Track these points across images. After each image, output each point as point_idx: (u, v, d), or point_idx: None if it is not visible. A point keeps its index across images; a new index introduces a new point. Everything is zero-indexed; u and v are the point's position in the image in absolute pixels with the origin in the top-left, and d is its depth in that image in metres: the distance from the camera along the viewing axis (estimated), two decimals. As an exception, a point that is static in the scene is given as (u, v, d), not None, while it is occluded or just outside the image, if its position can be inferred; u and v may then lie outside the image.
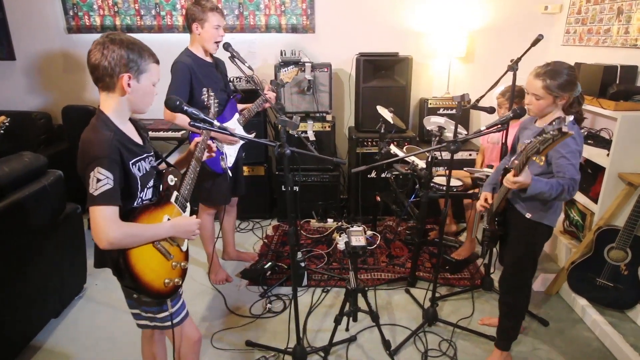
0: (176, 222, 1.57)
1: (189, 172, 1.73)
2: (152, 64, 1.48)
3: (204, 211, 2.85)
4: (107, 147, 1.36)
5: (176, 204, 1.65)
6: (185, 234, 1.59)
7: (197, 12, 2.50)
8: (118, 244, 1.36)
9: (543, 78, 1.84)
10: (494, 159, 3.05)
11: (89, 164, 1.34)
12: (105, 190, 1.33)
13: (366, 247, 1.90)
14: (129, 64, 1.41)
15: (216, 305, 2.74)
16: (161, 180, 1.62)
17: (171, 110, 1.53)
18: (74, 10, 3.83)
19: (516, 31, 3.76)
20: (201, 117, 1.58)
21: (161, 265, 1.53)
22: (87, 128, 1.43)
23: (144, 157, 1.53)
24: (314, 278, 2.98)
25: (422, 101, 3.85)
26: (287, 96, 3.59)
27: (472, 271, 3.04)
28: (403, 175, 3.01)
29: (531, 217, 1.97)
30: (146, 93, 1.49)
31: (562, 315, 2.62)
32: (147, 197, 1.57)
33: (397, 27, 3.82)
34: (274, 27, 3.82)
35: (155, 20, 3.83)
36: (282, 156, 1.79)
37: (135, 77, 1.43)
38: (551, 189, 1.75)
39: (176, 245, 1.62)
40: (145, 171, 1.53)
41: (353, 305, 2.04)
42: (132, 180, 1.46)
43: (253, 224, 3.87)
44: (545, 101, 1.86)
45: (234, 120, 2.73)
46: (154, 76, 1.50)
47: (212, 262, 2.96)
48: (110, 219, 1.34)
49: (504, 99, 2.86)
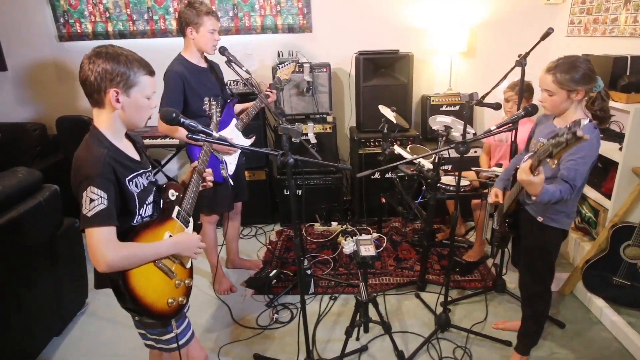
0: (178, 239, 1.51)
1: (191, 186, 1.67)
2: (143, 77, 1.40)
3: (206, 220, 2.78)
4: (100, 164, 1.29)
5: (178, 219, 1.58)
6: (188, 251, 1.53)
7: (192, 16, 2.42)
8: (117, 266, 1.30)
9: (553, 72, 1.76)
10: (502, 157, 2.98)
11: (81, 183, 1.28)
12: (99, 210, 1.26)
13: (376, 256, 1.82)
14: (115, 78, 1.33)
15: (221, 317, 2.67)
16: (161, 195, 1.55)
17: (168, 124, 1.45)
18: (64, 18, 3.74)
19: (518, 24, 3.68)
20: (199, 129, 1.50)
21: (164, 285, 1.47)
22: (81, 145, 1.36)
23: (141, 173, 1.46)
24: (320, 285, 2.91)
25: (424, 98, 3.77)
26: (286, 98, 3.51)
27: (483, 272, 2.96)
28: (409, 177, 2.94)
29: (543, 221, 1.90)
30: (139, 107, 1.42)
31: (578, 316, 2.55)
32: (148, 214, 1.51)
33: (396, 23, 3.74)
34: (270, 28, 3.74)
35: (148, 25, 3.75)
36: (286, 165, 1.71)
37: (124, 92, 1.36)
38: (551, 197, 1.67)
39: (179, 263, 1.55)
40: (143, 187, 1.46)
41: (364, 316, 1.97)
42: (129, 197, 1.39)
43: (256, 229, 3.80)
44: (559, 97, 1.78)
45: (232, 126, 2.65)
46: (147, 89, 1.42)
47: (216, 272, 2.89)
48: (106, 240, 1.27)
49: (513, 93, 2.78)
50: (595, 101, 1.84)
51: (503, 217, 2.10)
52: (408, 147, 3.13)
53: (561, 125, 1.90)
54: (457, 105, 3.67)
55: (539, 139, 1.97)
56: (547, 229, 1.90)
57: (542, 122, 2.03)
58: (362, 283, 1.93)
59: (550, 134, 1.92)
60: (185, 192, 1.63)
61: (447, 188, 2.82)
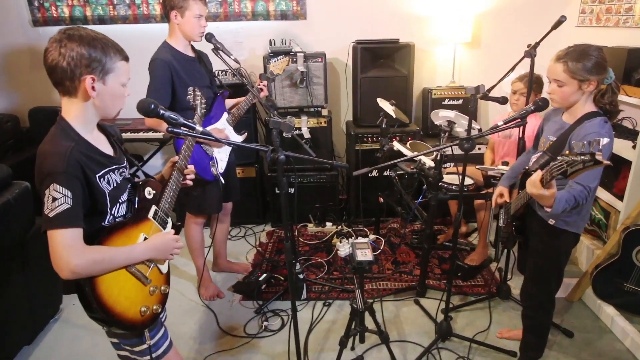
0: (153, 242, 1.44)
1: (170, 183, 1.60)
2: (119, 62, 1.34)
3: (191, 221, 2.71)
4: (64, 160, 1.22)
5: (154, 220, 1.51)
6: (164, 254, 1.47)
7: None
8: (83, 273, 1.23)
9: (564, 60, 1.71)
10: (507, 154, 2.93)
11: (43, 181, 1.21)
12: (62, 210, 1.19)
13: (373, 261, 1.77)
14: (92, 63, 1.27)
15: (207, 324, 2.61)
16: (137, 193, 1.48)
17: (145, 116, 1.38)
18: (39, 1, 3.64)
19: (526, 13, 3.63)
20: (181, 122, 1.43)
21: (137, 292, 1.40)
22: (45, 138, 1.29)
23: (114, 169, 1.39)
24: (313, 290, 2.85)
25: (425, 91, 3.71)
26: (278, 90, 3.44)
27: (486, 277, 2.92)
28: (408, 175, 2.89)
29: (555, 224, 1.85)
30: (115, 96, 1.35)
31: (588, 324, 2.51)
32: (121, 214, 1.44)
33: (396, 11, 3.67)
34: (262, 14, 3.66)
35: (130, 9, 3.65)
36: (276, 162, 1.65)
37: (100, 79, 1.29)
38: (566, 204, 1.62)
39: (154, 267, 1.48)
40: (116, 184, 1.39)
41: (360, 325, 1.92)
42: (100, 195, 1.32)
43: (245, 230, 3.73)
44: (570, 87, 1.73)
45: (223, 120, 2.58)
46: (123, 75, 1.36)
47: (202, 276, 2.82)
48: (70, 244, 1.21)
49: (522, 84, 2.73)
50: (605, 94, 1.80)
51: (510, 220, 2.05)
52: (408, 144, 3.07)
53: (569, 121, 1.85)
54: (460, 99, 3.62)
55: (548, 136, 1.92)
56: (559, 233, 1.85)
57: (550, 118, 1.98)
58: (358, 290, 1.87)
59: (559, 130, 1.87)
60: (163, 190, 1.57)
61: (449, 187, 2.77)
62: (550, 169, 1.47)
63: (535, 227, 1.95)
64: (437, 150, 2.11)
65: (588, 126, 1.74)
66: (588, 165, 1.31)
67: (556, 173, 1.45)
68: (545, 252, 1.93)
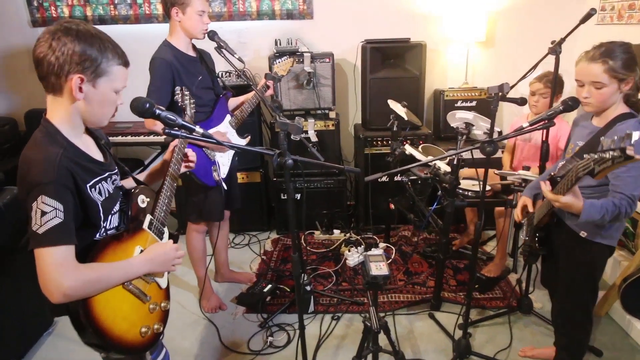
0: (151, 254, 1.32)
1: (164, 190, 1.48)
2: (116, 66, 1.21)
3: (193, 229, 2.59)
4: (54, 168, 1.09)
5: (150, 230, 1.39)
6: (164, 266, 1.35)
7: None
8: (76, 295, 1.10)
9: (603, 60, 1.57)
10: (527, 158, 2.78)
11: (30, 192, 1.08)
12: (53, 226, 1.06)
13: (389, 275, 1.63)
14: (84, 62, 1.14)
15: (209, 340, 2.47)
16: (129, 202, 1.35)
17: (138, 115, 1.25)
18: (38, 1, 3.55)
19: (543, 11, 3.49)
20: (179, 123, 1.30)
21: (136, 311, 1.28)
22: (28, 144, 1.17)
23: (106, 177, 1.27)
24: (321, 302, 2.70)
25: (437, 93, 3.57)
26: (284, 91, 3.31)
27: (505, 289, 2.76)
28: (422, 180, 2.74)
29: (587, 236, 1.70)
30: (104, 102, 1.23)
31: (616, 341, 2.35)
32: (113, 226, 1.32)
33: (407, 9, 3.54)
34: (267, 14, 3.54)
35: (131, 9, 3.55)
36: (283, 167, 1.52)
37: (90, 80, 1.16)
38: (606, 213, 1.50)
39: (153, 282, 1.36)
40: (108, 194, 1.26)
41: (374, 345, 1.77)
42: (92, 207, 1.20)
43: (249, 237, 3.60)
44: (610, 89, 1.59)
45: (225, 123, 2.46)
46: (118, 81, 1.23)
47: (203, 287, 2.69)
48: (62, 263, 1.08)
49: (541, 84, 2.59)
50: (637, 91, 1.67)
51: (533, 231, 1.90)
52: (420, 147, 2.93)
53: (600, 124, 1.71)
54: (474, 101, 3.48)
55: (577, 142, 1.78)
56: (591, 246, 1.70)
57: (579, 123, 1.85)
58: (372, 307, 1.72)
59: (590, 135, 1.73)
60: (158, 197, 1.44)
61: (466, 193, 2.62)
62: (575, 169, 1.34)
63: (563, 239, 1.80)
64: (455, 154, 1.96)
65: (620, 129, 1.60)
66: (618, 161, 1.18)
67: (582, 173, 1.32)
68: (577, 267, 1.78)
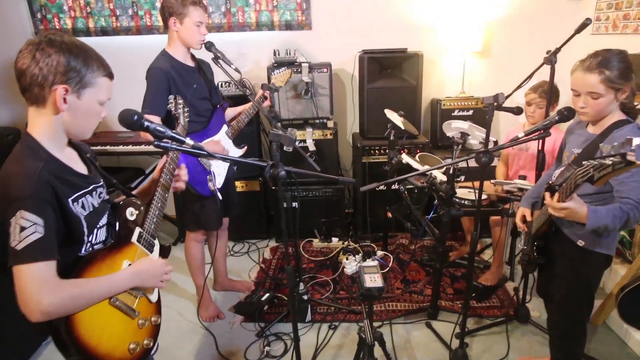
0: (138, 267, 1.26)
1: (155, 202, 1.42)
2: (101, 78, 1.18)
3: (191, 238, 2.54)
4: (34, 182, 1.04)
5: (139, 243, 1.33)
6: (152, 281, 1.29)
7: (175, 5, 2.19)
8: (56, 313, 1.05)
9: (600, 70, 1.52)
10: (522, 167, 2.72)
11: (8, 207, 1.03)
12: (32, 241, 1.01)
13: (383, 287, 1.57)
14: (69, 73, 1.10)
15: (206, 349, 2.41)
16: (117, 215, 1.30)
17: (126, 128, 1.21)
18: (42, 13, 3.53)
19: (538, 21, 3.45)
20: (169, 135, 1.25)
21: (123, 327, 1.23)
22: (9, 158, 1.12)
23: (90, 190, 1.22)
24: (318, 311, 2.64)
25: (434, 102, 3.53)
26: (282, 101, 3.27)
27: (502, 298, 2.70)
28: (418, 189, 2.69)
29: (584, 245, 1.64)
30: (89, 114, 1.19)
31: (614, 351, 2.28)
32: (99, 240, 1.26)
33: (404, 20, 3.51)
34: (266, 25, 3.51)
35: (132, 20, 3.52)
36: (276, 179, 1.47)
37: (74, 91, 1.13)
38: (614, 219, 1.44)
39: (142, 297, 1.30)
40: (93, 208, 1.21)
41: (369, 357, 1.71)
42: (74, 222, 1.14)
43: (249, 245, 3.54)
44: (606, 99, 1.54)
45: (222, 133, 2.41)
46: (102, 93, 1.19)
47: (202, 296, 2.63)
48: (42, 280, 1.02)
49: (536, 95, 2.54)
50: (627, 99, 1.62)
51: (532, 240, 1.85)
52: (417, 156, 2.88)
53: (596, 131, 1.66)
54: (470, 110, 3.43)
55: (573, 149, 1.73)
56: (589, 255, 1.64)
57: (574, 131, 1.80)
58: (366, 320, 1.66)
59: (586, 142, 1.68)
60: (148, 209, 1.39)
61: (462, 202, 2.56)
62: (574, 176, 1.29)
63: (561, 248, 1.75)
64: (450, 164, 1.91)
65: (618, 136, 1.55)
66: (619, 167, 1.13)
67: (581, 180, 1.27)
68: (573, 277, 1.73)
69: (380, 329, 2.46)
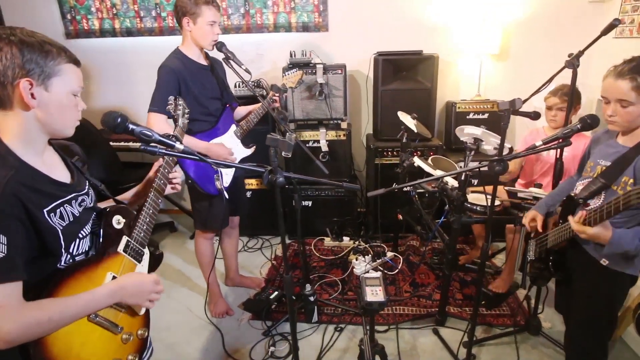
0: (122, 283, 1.10)
1: (146, 207, 1.26)
2: (65, 65, 1.00)
3: (200, 235, 2.40)
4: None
5: (126, 254, 1.18)
6: (137, 298, 1.13)
7: (189, 5, 2.04)
8: (19, 339, 0.89)
9: (632, 76, 1.29)
10: (537, 174, 2.47)
11: None
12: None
13: (385, 302, 1.39)
14: (27, 64, 0.94)
15: (213, 346, 2.28)
16: (102, 223, 1.15)
17: (110, 130, 1.06)
18: (71, 14, 3.45)
19: (558, 24, 3.16)
20: (156, 139, 1.10)
21: (105, 344, 1.08)
22: None
23: (70, 199, 1.06)
24: (325, 312, 2.47)
25: (449, 105, 3.28)
26: (296, 102, 3.09)
27: (512, 306, 2.47)
28: (429, 194, 2.47)
29: (608, 265, 1.41)
30: (63, 107, 1.02)
31: (631, 369, 2.04)
32: (82, 250, 1.10)
33: (419, 21, 3.27)
34: (283, 26, 3.34)
35: (155, 22, 3.40)
36: (274, 186, 1.30)
37: (40, 84, 0.96)
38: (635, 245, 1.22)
39: (126, 311, 1.15)
40: (73, 218, 1.06)
41: (369, 371, 1.53)
42: (49, 234, 0.99)
43: (262, 241, 3.40)
44: (638, 108, 1.31)
45: (230, 133, 2.26)
46: (73, 82, 1.03)
47: (211, 292, 2.51)
48: (3, 305, 0.87)
49: (557, 99, 2.29)
50: None
51: (545, 253, 1.63)
52: (430, 159, 2.66)
53: (627, 143, 1.43)
54: (485, 113, 3.18)
55: (599, 160, 1.49)
56: (612, 275, 1.42)
57: (602, 140, 1.55)
58: (366, 335, 1.48)
59: (615, 154, 1.44)
60: (137, 215, 1.23)
61: (474, 208, 2.34)
62: (615, 202, 1.08)
63: (581, 266, 1.52)
64: (462, 172, 1.70)
65: None
66: None
67: (624, 207, 1.06)
68: (595, 296, 1.50)
69: (386, 333, 2.30)
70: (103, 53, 3.53)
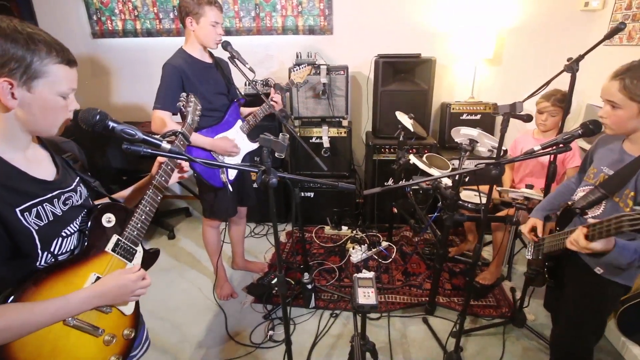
0: (101, 286, 0.92)
1: (143, 205, 1.08)
2: (55, 65, 0.82)
3: (207, 223, 2.24)
4: None
5: (114, 253, 1.00)
6: (120, 299, 0.95)
7: (192, 5, 1.83)
8: None
9: (621, 77, 1.08)
10: (529, 174, 2.25)
11: None
12: None
13: (377, 305, 1.20)
14: (9, 63, 0.75)
15: (216, 327, 2.13)
16: (91, 221, 0.98)
17: (89, 128, 0.87)
18: (97, 15, 3.24)
19: (551, 31, 2.88)
20: (140, 138, 0.91)
21: (83, 347, 0.90)
22: None
23: (51, 198, 0.88)
24: (322, 298, 2.31)
25: (444, 106, 3.04)
26: (301, 100, 2.88)
27: (498, 297, 2.28)
28: (423, 191, 2.27)
29: (603, 274, 1.21)
30: (48, 108, 0.83)
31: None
32: (67, 249, 0.93)
33: (418, 26, 3.01)
34: (291, 29, 3.10)
35: (173, 23, 3.19)
36: (266, 187, 1.11)
37: (22, 85, 0.78)
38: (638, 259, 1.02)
39: (115, 311, 0.98)
40: (54, 217, 0.88)
41: (360, 368, 1.36)
42: (23, 235, 0.81)
43: (268, 228, 3.23)
44: (626, 112, 1.10)
45: (236, 127, 2.07)
46: (62, 84, 0.84)
47: (218, 277, 2.35)
48: None
49: (549, 103, 2.05)
50: None
51: (543, 259, 1.43)
52: (424, 157, 2.45)
53: (632, 151, 1.20)
54: (478, 114, 2.94)
55: (601, 167, 1.28)
56: (606, 284, 1.22)
57: (606, 144, 1.33)
58: (357, 336, 1.31)
59: (618, 163, 1.22)
60: (132, 213, 1.05)
61: (466, 205, 2.13)
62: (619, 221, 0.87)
63: (575, 273, 1.32)
64: (458, 173, 1.49)
65: None
66: None
67: (629, 230, 0.84)
68: (586, 303, 1.31)
69: (378, 320, 2.12)
70: (126, 52, 3.33)
